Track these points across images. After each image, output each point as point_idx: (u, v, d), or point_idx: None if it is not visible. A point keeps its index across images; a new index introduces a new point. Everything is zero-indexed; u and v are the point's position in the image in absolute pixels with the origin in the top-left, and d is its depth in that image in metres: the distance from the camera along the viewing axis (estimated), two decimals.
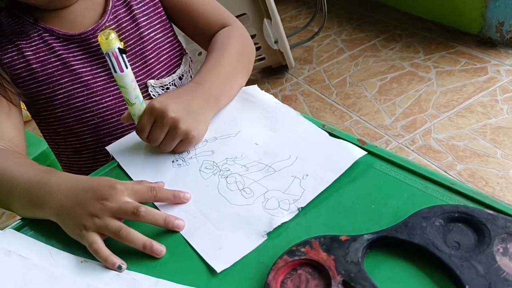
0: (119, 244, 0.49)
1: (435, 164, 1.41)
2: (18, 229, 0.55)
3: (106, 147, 0.64)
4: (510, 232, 0.41)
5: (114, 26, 0.70)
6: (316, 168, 0.54)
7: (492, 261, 0.39)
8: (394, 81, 1.79)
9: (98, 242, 0.48)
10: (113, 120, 0.73)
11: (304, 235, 0.46)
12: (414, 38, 2.01)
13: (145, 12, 0.73)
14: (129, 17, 0.72)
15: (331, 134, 0.58)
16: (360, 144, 0.56)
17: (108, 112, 0.72)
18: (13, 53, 0.67)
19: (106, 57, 0.54)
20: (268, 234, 0.48)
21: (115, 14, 0.71)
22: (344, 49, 2.06)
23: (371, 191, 0.50)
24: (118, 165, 0.62)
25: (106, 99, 0.72)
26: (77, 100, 0.70)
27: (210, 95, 0.63)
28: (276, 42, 1.81)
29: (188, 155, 0.61)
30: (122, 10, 0.71)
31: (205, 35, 0.78)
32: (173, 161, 0.60)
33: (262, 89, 0.70)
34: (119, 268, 0.47)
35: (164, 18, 0.76)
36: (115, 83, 0.72)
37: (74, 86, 0.70)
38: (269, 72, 2.01)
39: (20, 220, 0.56)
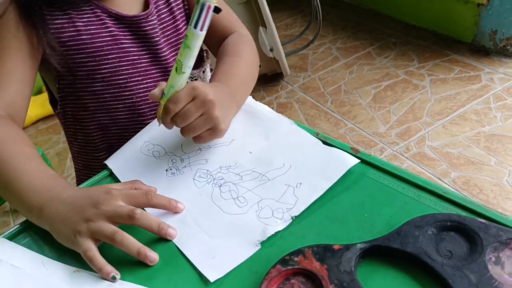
0: (112, 253, 0.49)
1: (430, 171, 1.41)
2: (11, 238, 0.54)
3: (105, 161, 0.64)
4: (502, 241, 0.41)
5: (155, 16, 0.73)
6: (309, 177, 0.54)
7: (484, 270, 0.40)
8: (389, 89, 1.80)
9: (92, 249, 0.48)
10: (151, 102, 0.74)
11: (297, 244, 0.46)
12: (409, 46, 2.02)
13: (179, 6, 0.77)
14: (167, 9, 0.75)
15: (324, 143, 0.58)
16: (353, 153, 0.56)
17: (147, 94, 0.72)
18: (63, 21, 0.67)
19: (198, 6, 0.52)
20: (262, 243, 0.48)
21: (156, 5, 0.74)
22: (339, 57, 2.07)
23: (364, 200, 0.50)
24: (111, 174, 0.62)
25: (147, 80, 0.74)
26: (120, 77, 0.72)
27: (233, 98, 0.64)
28: (271, 50, 1.82)
29: (182, 164, 0.61)
30: (161, 2, 0.75)
31: (214, 38, 0.79)
32: (166, 170, 0.60)
33: (257, 97, 0.71)
34: (113, 279, 0.46)
35: None
36: (158, 66, 0.74)
37: (121, 63, 0.71)
38: (265, 79, 2.02)
39: (12, 229, 0.56)
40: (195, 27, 0.53)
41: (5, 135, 0.59)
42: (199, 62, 0.82)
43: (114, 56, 0.70)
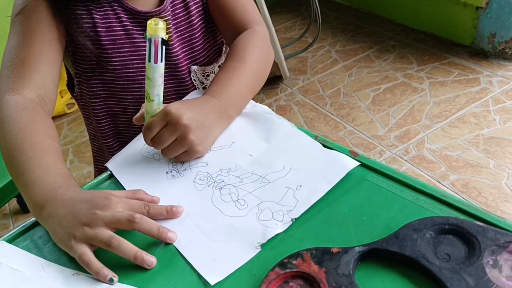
0: (110, 257, 0.49)
1: (429, 174, 1.42)
2: (10, 241, 0.54)
3: (106, 164, 0.64)
4: (500, 244, 0.42)
5: (170, 11, 0.73)
6: (309, 179, 0.54)
7: (482, 274, 0.40)
8: (388, 92, 1.81)
9: (88, 253, 0.48)
10: None
11: (296, 247, 0.46)
12: (408, 49, 2.03)
13: (195, 0, 0.76)
14: (182, 4, 0.75)
15: (323, 145, 0.59)
16: (352, 156, 0.56)
17: None
18: (83, 12, 0.69)
19: (147, 42, 0.54)
20: (261, 245, 0.48)
21: (171, 0, 0.74)
22: (338, 60, 2.08)
23: (363, 203, 0.51)
24: (111, 176, 0.62)
25: None
26: (130, 70, 0.73)
27: (224, 112, 0.64)
28: None
29: (182, 167, 0.61)
30: None
31: (227, 32, 0.79)
32: (167, 172, 0.60)
33: (256, 99, 0.70)
34: (111, 281, 0.47)
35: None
36: (167, 62, 0.73)
37: (132, 57, 0.72)
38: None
39: (12, 232, 0.56)
40: (149, 60, 0.55)
41: (29, 124, 0.59)
42: (215, 57, 0.81)
43: (126, 50, 0.71)
